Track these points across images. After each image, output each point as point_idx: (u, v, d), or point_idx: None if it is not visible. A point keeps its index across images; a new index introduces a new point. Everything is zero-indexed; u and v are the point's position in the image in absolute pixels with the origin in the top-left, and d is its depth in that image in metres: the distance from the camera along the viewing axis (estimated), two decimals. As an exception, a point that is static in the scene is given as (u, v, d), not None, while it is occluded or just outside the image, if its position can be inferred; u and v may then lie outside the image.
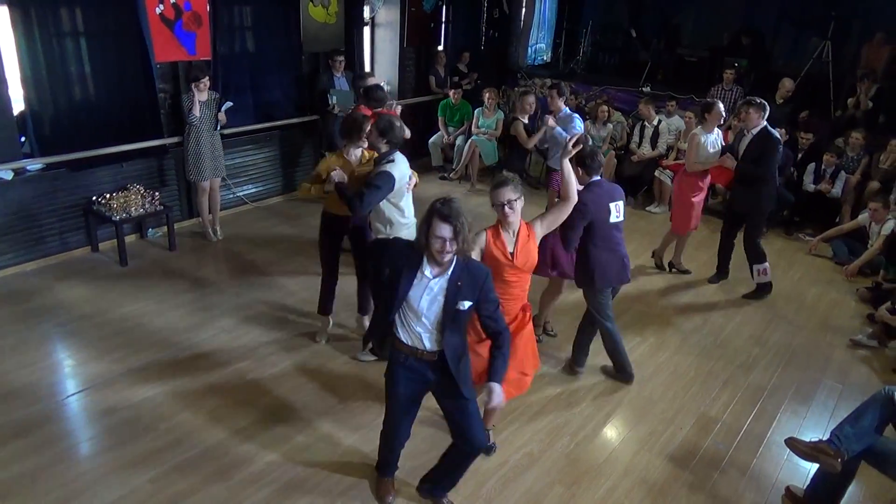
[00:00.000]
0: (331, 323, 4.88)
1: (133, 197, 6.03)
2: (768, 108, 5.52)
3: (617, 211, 4.18)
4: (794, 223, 7.59)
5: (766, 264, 5.83)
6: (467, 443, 3.11)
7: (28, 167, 5.67)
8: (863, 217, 6.68)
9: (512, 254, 3.36)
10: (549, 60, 11.65)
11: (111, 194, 5.96)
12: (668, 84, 9.40)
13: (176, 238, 6.31)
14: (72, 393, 4.20)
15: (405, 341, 3.00)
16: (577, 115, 6.23)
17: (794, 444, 3.36)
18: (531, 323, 3.58)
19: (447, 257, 2.84)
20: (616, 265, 4.24)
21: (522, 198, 3.33)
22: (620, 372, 4.58)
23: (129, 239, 6.26)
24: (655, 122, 8.23)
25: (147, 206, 6.11)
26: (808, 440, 3.36)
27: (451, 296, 2.88)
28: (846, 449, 3.21)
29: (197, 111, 6.00)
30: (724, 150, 5.79)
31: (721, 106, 5.80)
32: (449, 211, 2.80)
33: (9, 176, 5.52)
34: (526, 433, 4.01)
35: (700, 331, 5.34)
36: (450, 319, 2.90)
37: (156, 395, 4.18)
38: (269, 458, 3.70)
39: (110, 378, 4.32)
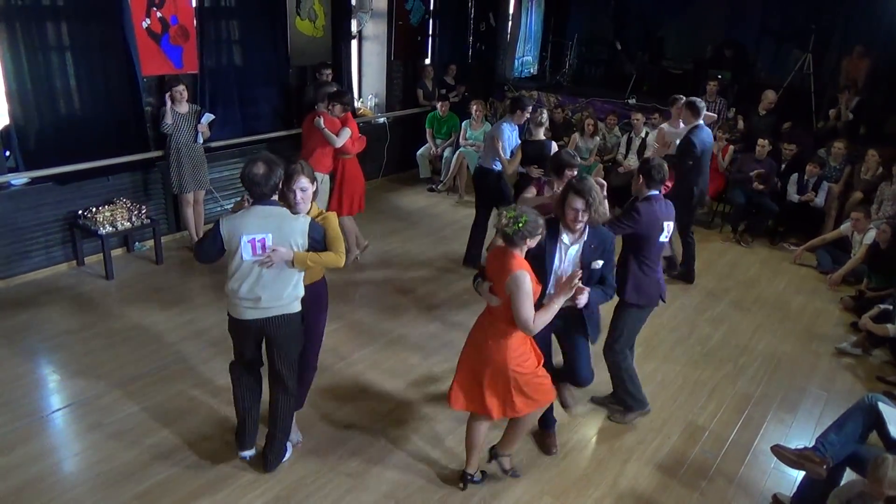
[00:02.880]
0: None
1: (119, 210, 6.01)
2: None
3: (667, 231, 4.01)
4: (779, 233, 7.67)
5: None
6: (575, 375, 3.79)
7: (13, 181, 5.63)
8: (845, 227, 6.77)
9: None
10: (535, 73, 11.77)
11: (97, 208, 5.93)
12: (653, 96, 9.51)
13: (163, 251, 6.29)
14: (57, 408, 4.16)
15: None
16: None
17: (780, 452, 3.39)
18: None
19: (579, 226, 3.43)
20: (655, 286, 4.04)
21: None
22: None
23: (116, 253, 6.22)
24: (643, 135, 8.32)
25: (133, 219, 6.09)
26: (794, 448, 3.39)
27: (587, 258, 3.49)
28: (831, 456, 3.25)
29: (169, 119, 5.97)
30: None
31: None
32: (582, 186, 3.38)
33: (-7, 190, 5.49)
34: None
35: (687, 340, 5.37)
36: (586, 277, 3.42)
37: (141, 409, 4.15)
38: (256, 472, 3.67)
39: (96, 393, 4.28)
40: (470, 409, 3.42)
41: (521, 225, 3.09)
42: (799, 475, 3.62)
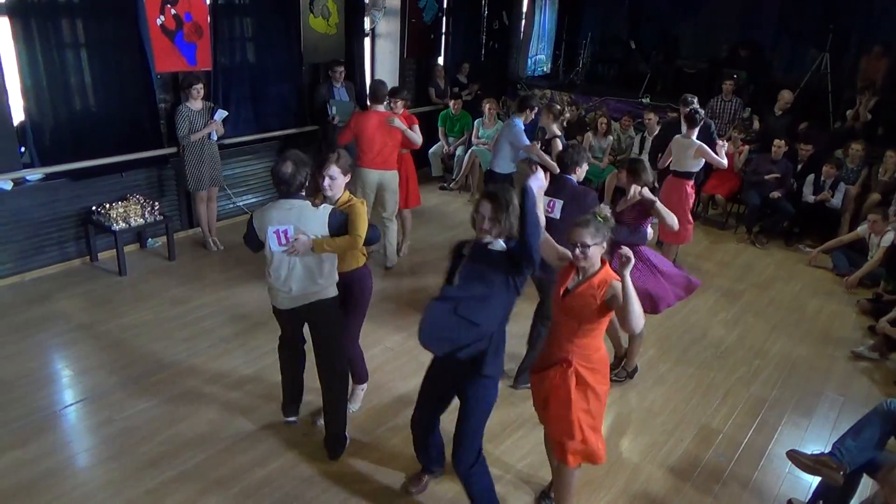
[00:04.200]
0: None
1: (133, 207, 6.03)
2: None
3: (544, 204, 3.97)
4: (794, 234, 7.58)
5: None
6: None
7: (27, 177, 5.67)
8: (862, 229, 6.68)
9: (564, 293, 3.04)
10: (548, 71, 11.72)
11: (111, 204, 5.95)
12: (668, 95, 9.44)
13: (175, 248, 6.31)
14: (69, 404, 4.18)
15: None
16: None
17: (795, 457, 3.34)
18: (574, 389, 3.03)
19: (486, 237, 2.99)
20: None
21: (604, 244, 2.98)
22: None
23: (129, 249, 6.25)
24: (656, 133, 8.24)
25: (147, 216, 6.11)
26: (809, 453, 3.34)
27: None
28: (848, 462, 3.19)
29: (194, 137, 6.04)
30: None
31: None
32: (495, 191, 3.02)
33: (8, 186, 5.51)
34: (526, 445, 3.99)
35: (700, 342, 5.32)
36: None
37: (153, 405, 4.16)
38: (268, 469, 3.67)
39: (107, 389, 4.30)
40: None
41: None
42: (814, 481, 3.58)
